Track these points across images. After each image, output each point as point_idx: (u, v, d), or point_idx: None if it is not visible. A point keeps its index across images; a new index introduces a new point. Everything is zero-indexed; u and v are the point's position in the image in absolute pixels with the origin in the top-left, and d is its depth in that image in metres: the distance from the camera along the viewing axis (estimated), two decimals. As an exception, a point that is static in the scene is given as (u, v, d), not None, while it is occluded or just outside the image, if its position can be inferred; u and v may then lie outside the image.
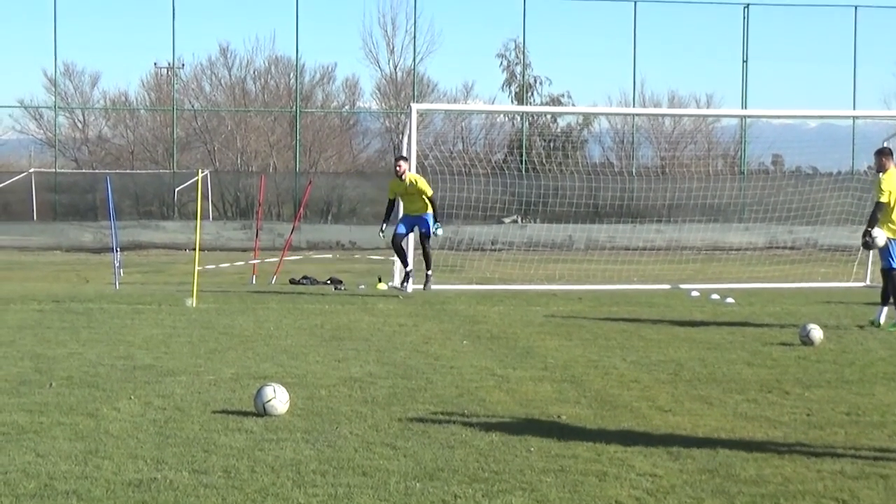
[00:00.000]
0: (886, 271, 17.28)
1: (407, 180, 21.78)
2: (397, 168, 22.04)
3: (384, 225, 22.27)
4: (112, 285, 24.69)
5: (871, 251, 20.48)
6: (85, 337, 15.29)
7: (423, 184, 21.97)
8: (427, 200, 21.79)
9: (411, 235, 22.46)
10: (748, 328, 16.99)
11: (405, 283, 22.23)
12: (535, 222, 43.71)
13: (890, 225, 17.16)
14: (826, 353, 14.30)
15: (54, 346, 14.32)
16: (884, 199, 17.13)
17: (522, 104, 54.65)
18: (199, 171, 25.20)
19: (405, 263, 22.33)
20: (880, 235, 16.99)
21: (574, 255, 35.19)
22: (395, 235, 22.10)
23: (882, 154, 17.82)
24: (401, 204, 22.29)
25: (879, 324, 17.16)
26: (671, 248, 35.09)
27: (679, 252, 33.56)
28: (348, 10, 75.42)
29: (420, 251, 22.26)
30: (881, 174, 17.47)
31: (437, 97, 57.99)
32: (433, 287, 22.02)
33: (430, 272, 21.98)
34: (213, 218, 49.22)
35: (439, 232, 21.98)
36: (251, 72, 59.60)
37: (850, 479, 7.91)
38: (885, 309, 17.36)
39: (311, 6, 57.38)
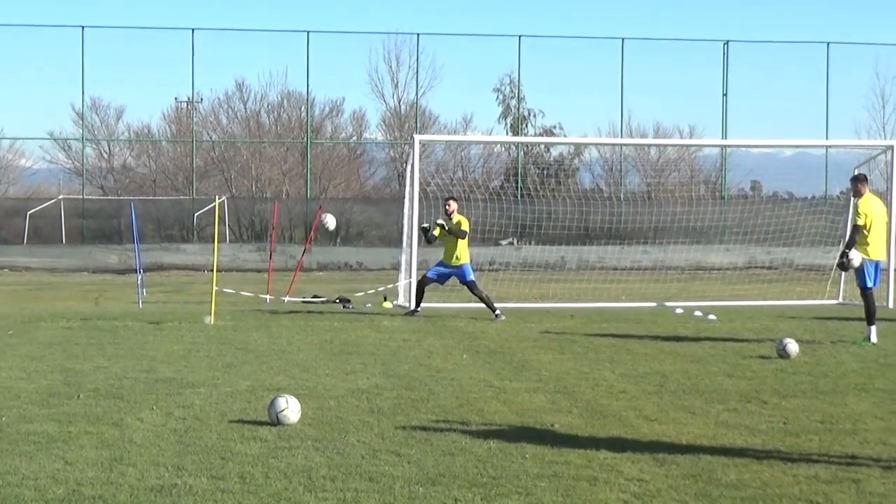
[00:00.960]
0: (863, 290, 17.20)
1: (455, 220, 21.46)
2: (447, 207, 21.65)
3: (427, 226, 21.79)
4: (136, 304, 24.69)
5: (845, 272, 20.48)
6: (110, 352, 15.28)
7: (465, 224, 21.47)
8: (463, 244, 21.29)
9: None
10: (729, 343, 16.97)
11: (415, 313, 21.76)
12: (529, 244, 43.68)
13: (866, 247, 17.12)
14: (801, 365, 14.29)
15: (82, 361, 14.32)
16: (861, 221, 17.07)
17: (517, 135, 54.63)
18: (217, 197, 25.19)
19: (418, 304, 21.90)
20: (856, 257, 16.93)
21: (566, 275, 35.18)
22: (425, 277, 21.85)
23: (857, 180, 17.82)
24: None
25: (873, 342, 16.95)
26: (657, 268, 35.07)
27: (664, 272, 33.54)
28: (355, 47, 75.14)
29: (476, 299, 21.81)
30: (858, 199, 17.43)
31: (438, 129, 57.97)
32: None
33: (497, 312, 21.21)
34: (229, 241, 49.21)
35: (465, 264, 21.50)
36: (265, 105, 59.62)
37: (824, 484, 7.91)
38: (873, 326, 17.14)
39: (321, 44, 57.24)
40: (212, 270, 21.47)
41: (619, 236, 42.57)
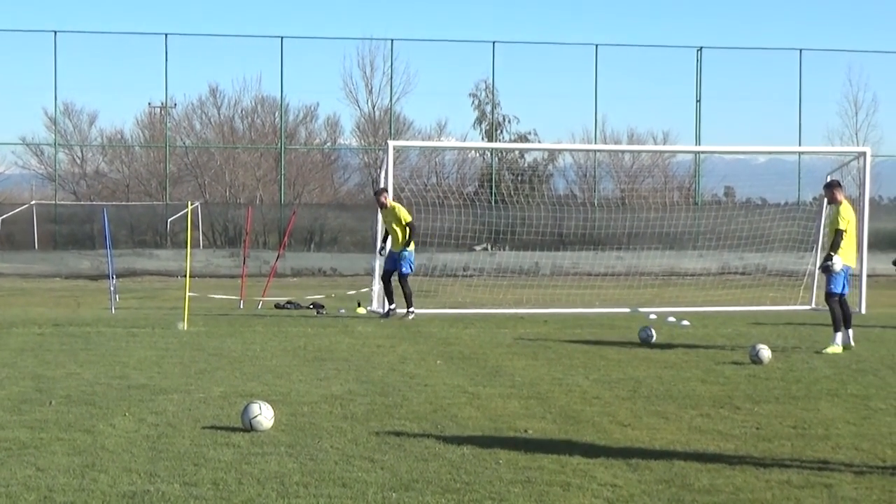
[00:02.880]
0: (831, 295, 17.19)
1: (389, 206, 22.14)
2: (382, 199, 22.29)
3: (382, 244, 22.71)
4: (108, 310, 24.59)
5: (817, 277, 20.51)
6: (83, 358, 15.22)
7: (401, 211, 22.16)
8: (405, 227, 21.94)
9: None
10: (702, 348, 17.03)
11: (391, 312, 22.24)
12: (504, 250, 43.74)
13: (845, 252, 17.18)
14: (774, 371, 14.34)
15: (54, 367, 14.26)
16: (843, 226, 17.11)
17: (492, 141, 54.67)
18: (190, 203, 25.16)
19: (390, 301, 22.45)
20: (838, 261, 17.00)
21: (540, 280, 35.24)
22: (383, 272, 22.31)
23: (832, 187, 17.85)
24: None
25: (851, 345, 17.05)
26: (630, 273, 35.18)
27: (638, 277, 33.66)
28: (330, 53, 75.24)
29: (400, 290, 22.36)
30: (839, 205, 17.41)
31: (413, 135, 58.01)
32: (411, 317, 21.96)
33: (412, 310, 21.99)
34: (203, 246, 49.11)
35: (407, 251, 22.06)
36: (239, 111, 59.58)
37: (797, 489, 7.93)
38: (850, 331, 17.23)
39: (295, 49, 57.20)
40: (185, 276, 21.41)
41: (593, 242, 42.62)
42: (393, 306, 22.36)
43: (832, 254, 17.03)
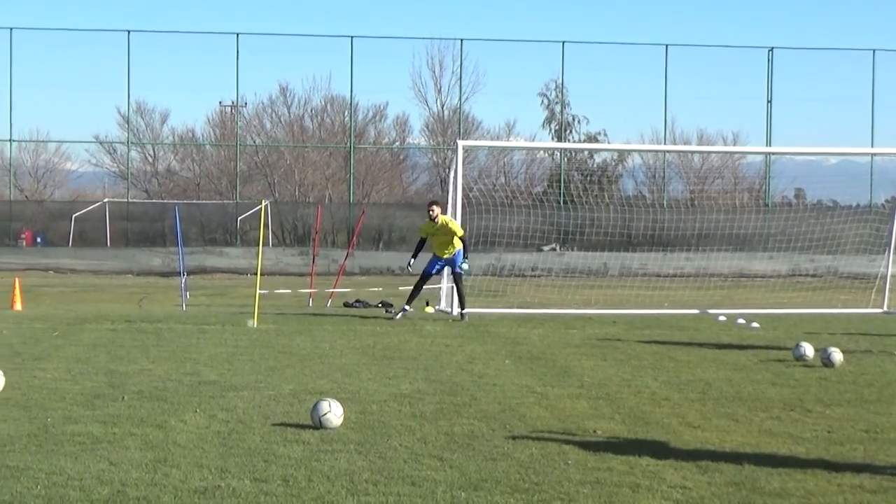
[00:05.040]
0: None
1: (439, 222, 21.83)
2: (430, 212, 21.96)
3: (412, 260, 22.31)
4: (179, 307, 24.80)
5: (889, 280, 20.29)
6: (154, 354, 15.36)
7: (454, 225, 21.92)
8: (458, 240, 21.74)
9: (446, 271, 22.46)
10: (772, 351, 16.87)
11: (400, 313, 21.91)
12: (572, 250, 43.61)
13: None
14: (846, 374, 14.20)
15: (126, 363, 14.40)
16: None
17: (561, 141, 54.61)
18: (261, 201, 25.29)
19: (411, 299, 22.14)
20: None
21: (609, 281, 35.14)
22: (425, 272, 22.12)
23: None
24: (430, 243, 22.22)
25: None
26: (699, 275, 34.94)
27: (707, 279, 33.42)
28: (399, 52, 75.59)
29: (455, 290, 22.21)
30: None
31: (482, 134, 58.06)
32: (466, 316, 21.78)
33: (464, 311, 21.85)
34: (272, 245, 49.40)
35: (465, 266, 21.88)
36: (309, 110, 59.96)
37: (869, 493, 7.85)
38: None
39: (365, 49, 57.43)
40: (255, 274, 21.53)
41: (661, 243, 42.47)
42: (410, 309, 22.09)
43: None
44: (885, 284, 25.25)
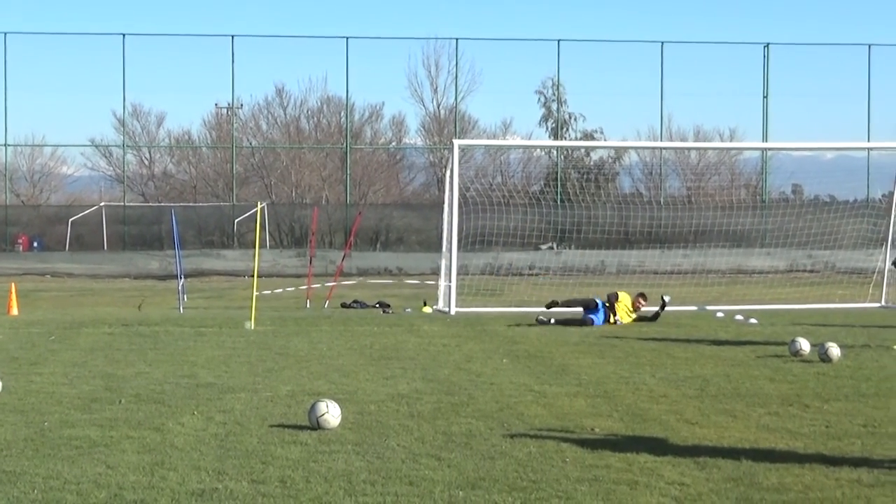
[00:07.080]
0: None
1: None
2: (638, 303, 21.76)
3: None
4: (176, 310, 24.80)
5: (887, 275, 20.31)
6: (151, 357, 15.36)
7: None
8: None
9: None
10: (770, 346, 16.88)
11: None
12: (569, 249, 43.63)
13: None
14: (843, 369, 14.20)
15: (123, 366, 14.39)
16: None
17: (558, 139, 54.65)
18: (258, 203, 25.31)
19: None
20: None
21: (606, 279, 35.11)
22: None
23: None
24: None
25: None
26: (697, 271, 34.89)
27: (704, 276, 33.37)
28: (395, 52, 75.69)
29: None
30: None
31: (478, 133, 58.11)
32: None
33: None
34: (269, 247, 49.43)
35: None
36: (305, 111, 60.00)
37: (867, 487, 7.85)
38: None
39: (361, 49, 57.59)
40: (252, 276, 21.53)
41: (658, 240, 42.45)
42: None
43: None
44: (882, 279, 25.25)
